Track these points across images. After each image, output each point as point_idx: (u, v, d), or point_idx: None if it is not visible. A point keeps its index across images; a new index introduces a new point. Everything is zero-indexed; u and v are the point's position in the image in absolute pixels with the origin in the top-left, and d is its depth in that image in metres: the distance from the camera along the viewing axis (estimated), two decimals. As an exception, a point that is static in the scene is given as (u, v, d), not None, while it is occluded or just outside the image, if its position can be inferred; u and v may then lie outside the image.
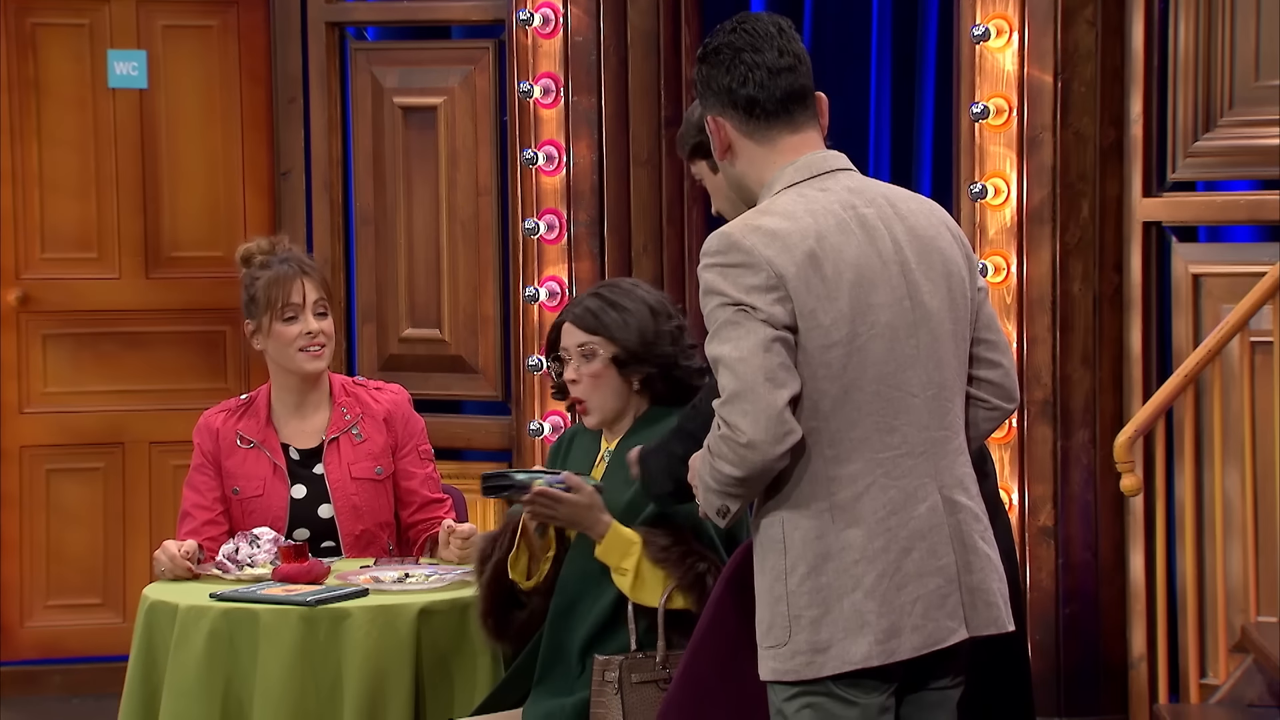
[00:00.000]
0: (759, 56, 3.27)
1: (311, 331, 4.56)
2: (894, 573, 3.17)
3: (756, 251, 3.17)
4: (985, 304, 3.35)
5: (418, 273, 6.67)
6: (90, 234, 6.87)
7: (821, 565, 3.17)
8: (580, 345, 4.09)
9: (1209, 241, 5.72)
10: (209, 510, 4.59)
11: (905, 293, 3.22)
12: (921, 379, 3.22)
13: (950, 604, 3.20)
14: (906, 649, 3.18)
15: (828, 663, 3.17)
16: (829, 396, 3.17)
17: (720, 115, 3.31)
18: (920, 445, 3.21)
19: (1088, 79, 5.59)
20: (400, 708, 4.15)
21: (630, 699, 3.98)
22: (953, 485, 3.24)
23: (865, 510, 3.18)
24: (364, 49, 6.76)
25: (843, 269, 3.18)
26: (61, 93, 6.83)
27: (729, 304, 3.16)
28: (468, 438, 6.60)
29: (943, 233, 3.30)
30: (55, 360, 6.87)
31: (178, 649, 4.18)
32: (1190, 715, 5.06)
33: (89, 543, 6.85)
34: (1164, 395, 5.08)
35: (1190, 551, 5.27)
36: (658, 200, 6.29)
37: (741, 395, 3.11)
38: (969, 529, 3.25)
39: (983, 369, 3.33)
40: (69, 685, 6.81)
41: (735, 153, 3.33)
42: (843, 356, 3.17)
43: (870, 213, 3.25)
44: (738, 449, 3.11)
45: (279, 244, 4.66)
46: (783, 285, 3.15)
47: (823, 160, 3.30)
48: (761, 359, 3.12)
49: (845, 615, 3.16)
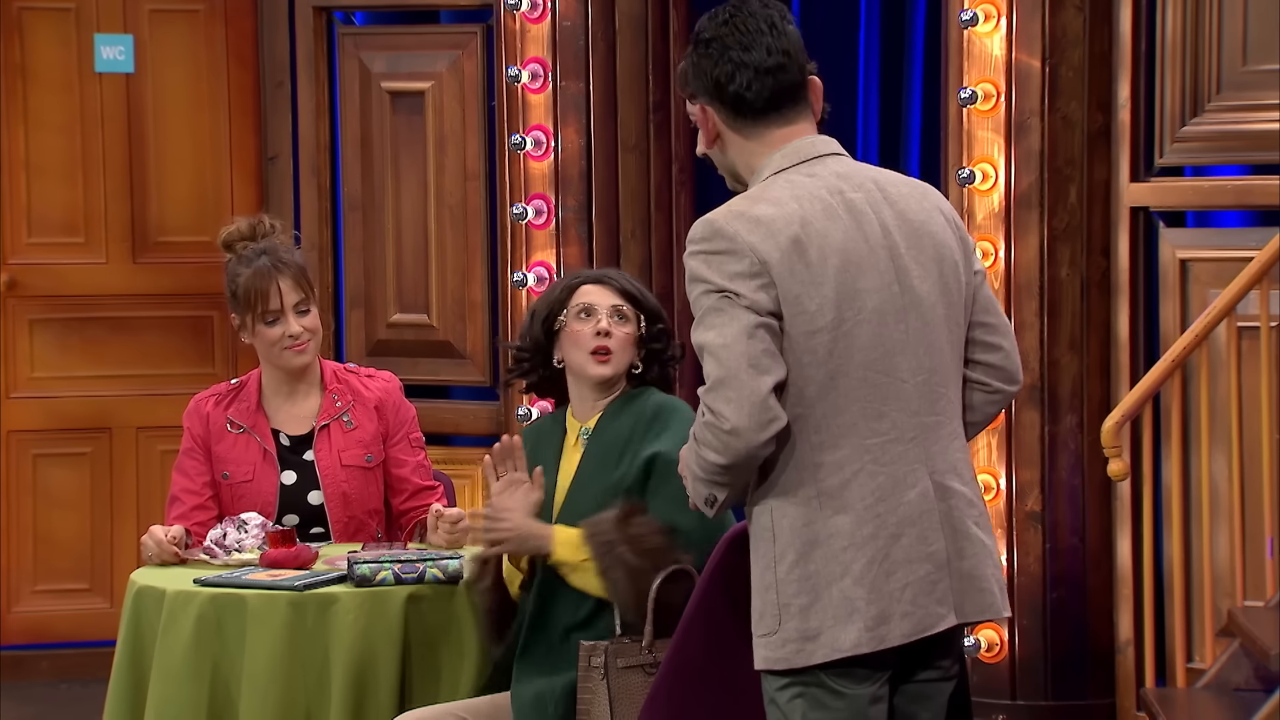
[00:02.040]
0: (747, 55, 3.24)
1: (294, 334, 4.56)
2: (883, 559, 3.16)
3: (740, 238, 3.16)
4: (983, 287, 3.32)
5: (406, 258, 6.67)
6: (77, 219, 6.86)
7: (809, 552, 3.17)
8: (616, 306, 4.14)
9: (1196, 226, 5.72)
10: (198, 495, 4.58)
11: (894, 278, 3.20)
12: (911, 364, 3.21)
13: (940, 590, 3.19)
14: (896, 635, 3.17)
15: (817, 650, 3.16)
16: (815, 382, 3.16)
17: (708, 105, 3.30)
18: (910, 431, 3.20)
19: (1076, 64, 5.59)
20: (387, 692, 4.15)
21: (616, 685, 3.98)
22: (945, 471, 3.23)
23: (853, 496, 3.17)
24: (351, 34, 6.75)
25: (828, 254, 3.17)
26: (48, 77, 6.81)
27: (713, 291, 3.15)
28: (456, 423, 6.60)
29: (935, 217, 3.28)
30: (42, 345, 6.86)
31: (165, 634, 4.18)
32: (1177, 699, 5.07)
33: (76, 528, 6.85)
34: (1151, 380, 5.08)
35: (1177, 536, 5.27)
36: (646, 185, 6.28)
37: (725, 382, 3.11)
38: (961, 514, 3.23)
39: (982, 352, 3.31)
40: (57, 670, 6.81)
41: (724, 142, 3.32)
42: (828, 342, 3.16)
43: (858, 197, 3.23)
44: (721, 435, 3.11)
45: (259, 227, 4.63)
46: (766, 271, 3.14)
47: (811, 146, 3.28)
48: (745, 345, 3.11)
49: (834, 602, 3.16)
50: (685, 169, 6.33)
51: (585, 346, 4.11)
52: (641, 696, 3.94)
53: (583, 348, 4.11)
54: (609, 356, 4.12)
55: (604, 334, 4.11)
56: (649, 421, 4.10)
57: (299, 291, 4.57)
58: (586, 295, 4.16)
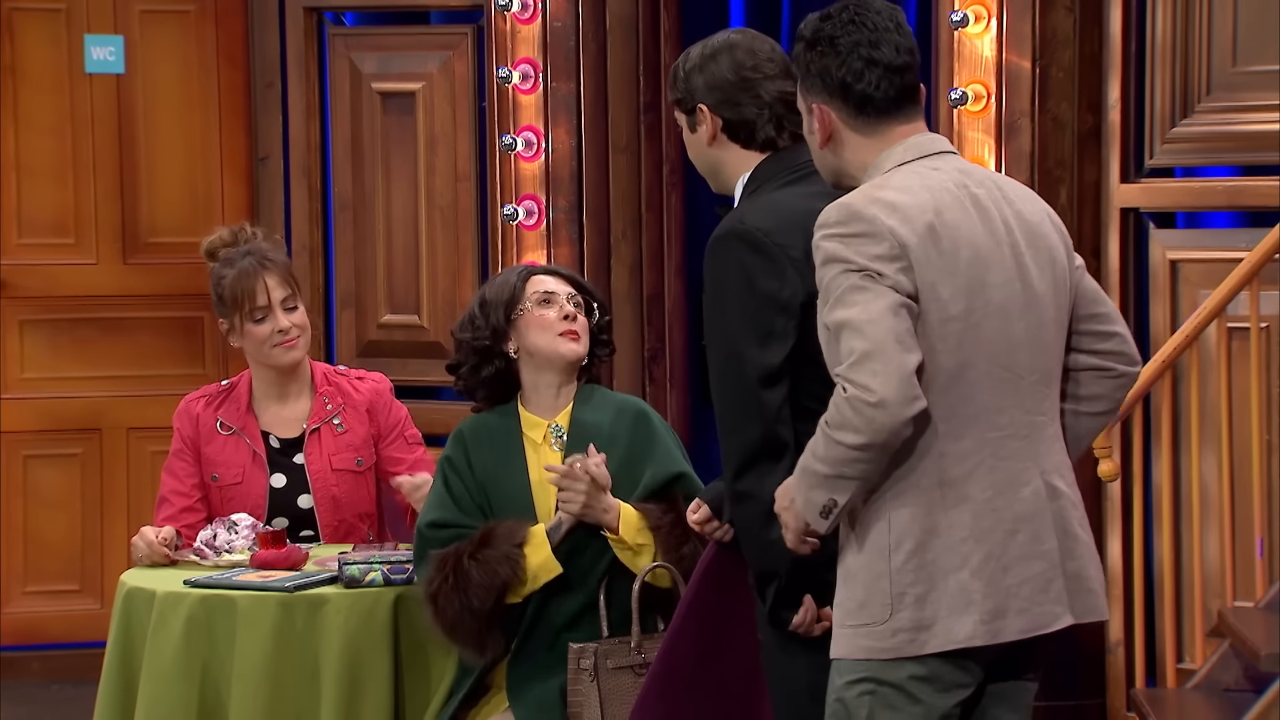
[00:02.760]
0: (877, 52, 3.22)
1: (283, 329, 4.56)
2: (1000, 554, 3.12)
3: (879, 221, 3.12)
4: (1085, 279, 3.31)
5: (396, 259, 6.66)
6: (68, 220, 6.85)
7: (928, 541, 3.12)
8: (572, 295, 4.18)
9: (1187, 227, 5.72)
10: (187, 497, 4.58)
11: (1016, 274, 3.19)
12: (1028, 362, 3.19)
13: (1055, 589, 3.16)
14: (1013, 630, 3.13)
15: (931, 640, 3.11)
16: (945, 371, 3.12)
17: (826, 104, 3.26)
18: (1024, 428, 3.18)
19: (1066, 65, 5.59)
20: (378, 693, 4.14)
21: (607, 685, 3.99)
22: (1051, 471, 3.20)
23: (974, 489, 3.13)
24: (342, 34, 6.74)
25: (960, 245, 3.15)
26: (38, 78, 6.81)
27: (853, 270, 3.09)
28: (446, 424, 6.55)
29: (1045, 220, 3.29)
30: (33, 346, 6.85)
31: (155, 635, 4.18)
32: (1167, 699, 5.07)
33: (67, 529, 6.84)
34: (1141, 381, 5.08)
35: (1167, 537, 5.28)
36: (637, 186, 6.28)
37: (872, 355, 3.04)
38: (1069, 515, 3.21)
39: (1098, 341, 3.30)
40: (47, 671, 6.80)
41: (838, 142, 3.27)
42: (959, 332, 3.13)
43: (982, 193, 3.22)
44: (866, 410, 3.02)
45: (240, 234, 4.64)
46: (906, 255, 3.11)
47: (931, 142, 3.28)
48: (891, 321, 3.06)
49: (950, 593, 3.11)
50: (676, 170, 6.33)
51: (553, 329, 4.13)
52: (632, 697, 3.95)
53: (550, 330, 4.13)
54: (578, 338, 4.14)
55: (570, 317, 4.14)
56: (633, 418, 4.14)
57: (285, 287, 4.58)
58: (543, 284, 4.18)
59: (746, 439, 3.26)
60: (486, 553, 4.01)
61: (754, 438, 3.20)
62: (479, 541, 4.03)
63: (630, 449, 4.12)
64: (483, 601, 4.00)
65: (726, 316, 3.34)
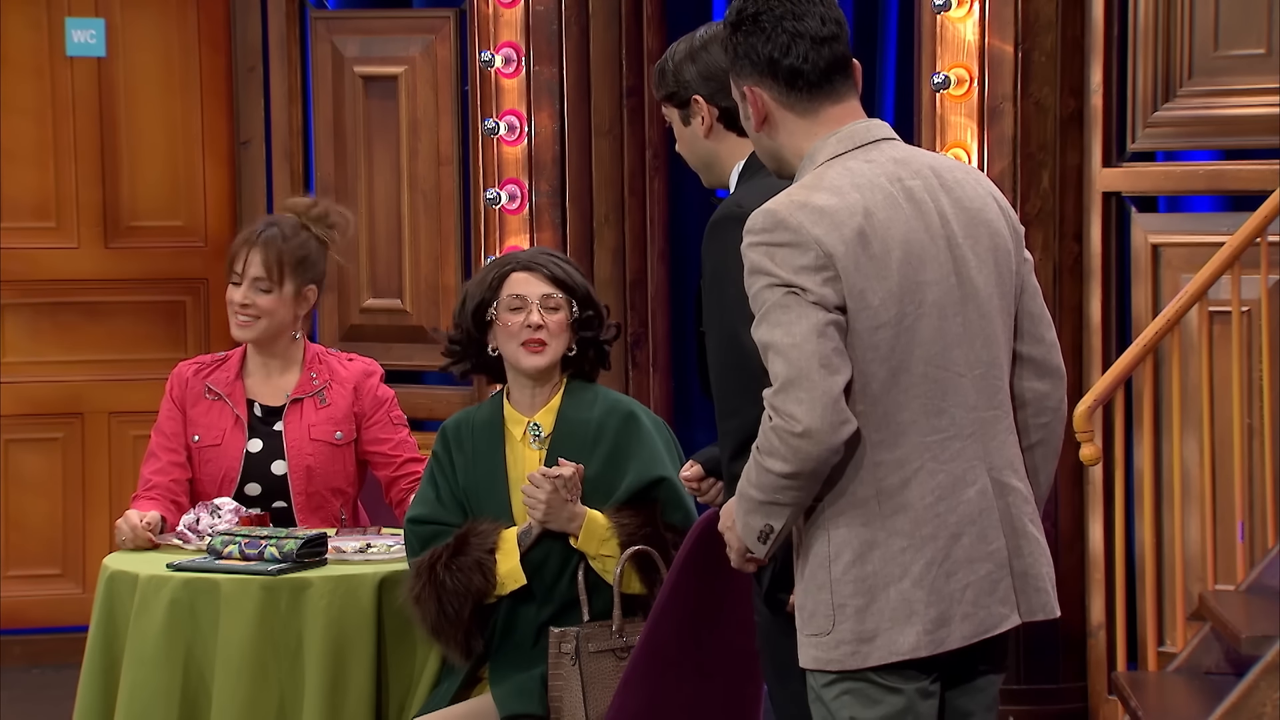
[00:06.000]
0: (801, 24, 3.15)
1: (244, 304, 4.61)
2: (943, 560, 3.07)
3: (804, 230, 3.05)
4: (1030, 275, 3.23)
5: (379, 243, 6.66)
6: (49, 203, 6.84)
7: (867, 553, 3.07)
8: (546, 295, 4.15)
9: (1168, 211, 5.73)
10: (174, 452, 4.64)
11: (952, 269, 3.12)
12: (969, 357, 3.12)
13: (1002, 589, 3.11)
14: (956, 638, 3.09)
15: (873, 653, 3.07)
16: (877, 379, 3.06)
17: (758, 85, 3.18)
18: (969, 426, 3.11)
19: (1048, 49, 5.59)
20: (361, 677, 4.15)
21: (589, 669, 3.99)
22: (1002, 467, 3.14)
23: (913, 496, 3.07)
24: (324, 17, 6.73)
25: (891, 246, 3.08)
26: (19, 61, 6.79)
27: (777, 285, 3.04)
28: (429, 408, 6.60)
29: (989, 204, 3.19)
30: (14, 330, 6.84)
31: (138, 619, 4.18)
32: (1148, 683, 5.08)
33: (48, 513, 6.83)
34: (1123, 365, 5.09)
35: (1149, 520, 5.29)
36: (619, 170, 6.28)
37: (795, 382, 2.99)
38: (1019, 512, 3.15)
39: (1024, 344, 3.21)
40: (29, 656, 6.79)
41: (773, 124, 3.20)
42: (891, 338, 3.07)
43: (917, 185, 3.14)
44: (791, 440, 2.99)
45: (314, 209, 4.74)
46: (832, 265, 3.04)
47: (866, 130, 3.18)
48: (815, 344, 3.00)
49: (892, 604, 3.06)
50: (659, 154, 6.33)
51: (517, 338, 4.13)
52: (613, 681, 3.95)
53: (515, 339, 4.13)
54: (542, 348, 4.14)
55: (535, 326, 4.13)
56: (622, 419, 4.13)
57: (264, 271, 4.62)
58: (517, 285, 4.16)
59: (745, 421, 3.25)
60: (460, 560, 4.07)
61: (752, 420, 3.20)
62: (454, 548, 4.07)
63: (614, 449, 4.11)
64: (458, 608, 4.05)
65: (725, 300, 3.31)
